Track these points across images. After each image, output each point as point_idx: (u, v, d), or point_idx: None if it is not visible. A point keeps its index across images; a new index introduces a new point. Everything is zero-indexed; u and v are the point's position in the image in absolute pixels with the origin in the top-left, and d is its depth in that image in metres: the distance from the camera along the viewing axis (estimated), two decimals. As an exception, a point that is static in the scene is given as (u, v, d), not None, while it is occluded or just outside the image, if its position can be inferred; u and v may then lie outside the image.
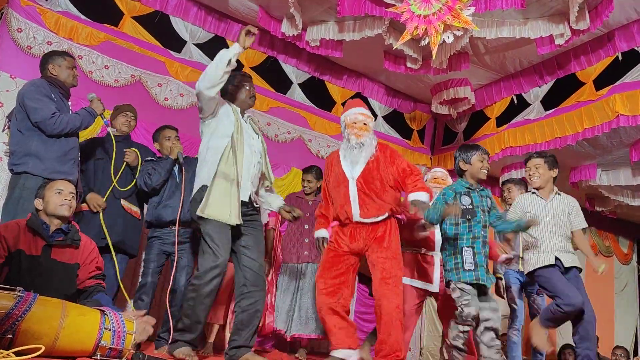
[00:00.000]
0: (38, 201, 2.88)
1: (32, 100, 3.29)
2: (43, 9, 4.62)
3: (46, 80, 3.44)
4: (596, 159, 6.45)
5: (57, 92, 3.45)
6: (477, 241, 3.34)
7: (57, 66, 3.51)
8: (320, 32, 5.35)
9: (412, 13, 4.28)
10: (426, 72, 5.80)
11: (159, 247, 3.85)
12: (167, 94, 5.26)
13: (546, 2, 4.80)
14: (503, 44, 5.51)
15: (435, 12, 4.17)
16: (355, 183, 3.39)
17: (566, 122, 5.61)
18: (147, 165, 3.91)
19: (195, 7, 5.41)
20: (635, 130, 5.46)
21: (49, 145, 3.31)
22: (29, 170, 3.21)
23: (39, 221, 2.79)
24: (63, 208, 2.84)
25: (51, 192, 2.87)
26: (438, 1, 4.16)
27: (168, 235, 3.83)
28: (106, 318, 2.34)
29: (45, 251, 2.73)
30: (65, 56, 3.60)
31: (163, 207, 3.85)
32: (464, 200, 3.42)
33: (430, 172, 4.12)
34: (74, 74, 3.60)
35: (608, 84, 5.27)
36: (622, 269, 9.36)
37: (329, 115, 6.41)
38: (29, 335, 2.08)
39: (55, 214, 2.82)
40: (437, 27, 4.19)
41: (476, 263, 3.32)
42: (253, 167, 3.29)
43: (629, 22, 5.01)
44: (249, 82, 3.48)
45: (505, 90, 6.26)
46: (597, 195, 7.54)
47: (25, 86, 3.41)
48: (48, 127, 3.29)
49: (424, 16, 4.24)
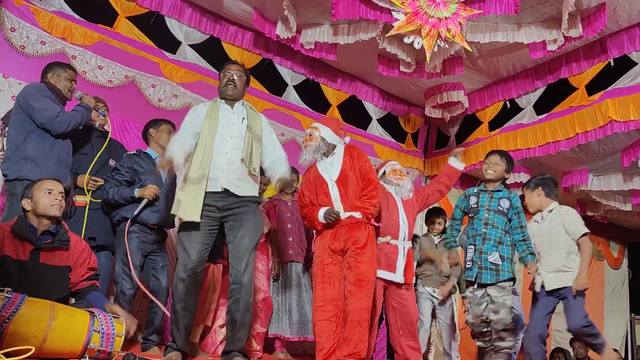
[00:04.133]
0: (26, 201, 2.79)
1: (37, 101, 3.30)
2: (37, 9, 4.60)
3: (45, 84, 3.47)
4: (588, 164, 6.51)
5: (56, 97, 3.47)
6: (478, 238, 3.58)
7: (57, 76, 3.55)
8: (315, 35, 5.36)
9: (417, 7, 4.18)
10: (419, 76, 5.82)
11: (138, 243, 3.70)
12: (161, 95, 5.25)
13: (539, 8, 4.83)
14: (496, 48, 5.54)
15: (442, 18, 4.16)
16: (334, 184, 3.54)
17: (558, 127, 5.65)
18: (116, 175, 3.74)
19: (190, 8, 5.40)
20: (626, 136, 5.51)
21: (47, 150, 3.30)
22: (25, 175, 3.18)
23: (26, 224, 2.71)
24: (54, 208, 2.77)
25: (40, 191, 2.78)
26: (446, 9, 4.14)
27: (148, 235, 3.77)
28: (95, 320, 2.33)
29: (33, 255, 2.65)
30: (66, 68, 3.63)
31: (149, 210, 3.72)
32: (472, 201, 3.77)
33: (389, 164, 4.14)
34: (72, 87, 3.61)
35: (600, 90, 5.32)
36: (612, 273, 9.42)
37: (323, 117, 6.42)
38: (17, 337, 2.07)
39: (46, 215, 2.75)
40: (441, 33, 4.18)
41: (473, 260, 3.56)
42: (226, 153, 3.17)
43: (621, 29, 5.06)
44: (225, 70, 3.40)
45: (498, 94, 6.29)
46: (588, 200, 7.60)
47: (26, 89, 3.41)
48: (55, 126, 3.31)
49: (430, 16, 4.18)
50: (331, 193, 3.53)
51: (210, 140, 3.17)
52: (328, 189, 3.54)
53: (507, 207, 3.60)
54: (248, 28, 5.65)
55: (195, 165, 3.12)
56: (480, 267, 3.51)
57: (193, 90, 5.37)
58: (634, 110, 4.99)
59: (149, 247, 3.77)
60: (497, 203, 3.60)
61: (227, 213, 3.16)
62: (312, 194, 3.63)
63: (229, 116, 3.30)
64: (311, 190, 3.64)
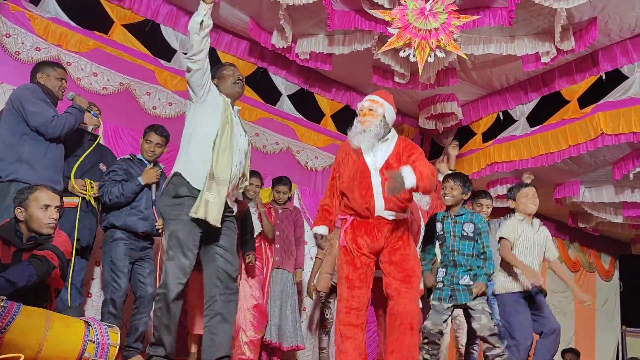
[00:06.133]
0: (19, 210, 2.69)
1: (31, 104, 3.25)
2: (32, 15, 4.59)
3: (38, 86, 3.42)
4: (580, 176, 6.55)
5: (49, 98, 3.43)
6: (449, 264, 3.60)
7: (46, 76, 3.49)
8: (310, 45, 5.38)
9: (406, 21, 4.23)
10: (414, 87, 5.85)
11: (125, 250, 3.70)
12: (156, 103, 5.24)
13: (532, 21, 4.88)
14: (490, 60, 5.59)
15: (431, 29, 4.18)
16: (378, 174, 3.08)
17: (551, 139, 5.70)
18: (114, 176, 3.74)
19: (186, 16, 5.40)
20: (617, 149, 5.56)
21: (42, 153, 3.27)
22: (20, 178, 3.13)
23: (14, 230, 2.64)
24: (49, 227, 2.67)
25: (37, 205, 2.69)
26: (435, 20, 4.16)
27: (136, 242, 3.77)
28: (90, 330, 2.31)
29: (15, 257, 2.59)
30: (55, 67, 3.57)
31: (137, 218, 3.74)
32: (438, 227, 3.72)
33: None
34: (62, 85, 3.55)
35: (592, 103, 5.38)
36: (603, 285, 9.47)
37: (317, 127, 6.44)
38: (12, 347, 2.05)
39: (39, 232, 2.66)
40: (431, 44, 4.20)
41: (444, 282, 3.58)
42: (235, 166, 3.12)
43: (612, 43, 5.13)
44: (233, 68, 3.35)
45: (492, 106, 6.34)
46: (580, 211, 7.65)
47: (20, 91, 3.35)
48: (49, 130, 3.26)
49: (418, 29, 4.21)
50: (373, 185, 3.07)
51: (231, 142, 3.06)
52: (370, 179, 3.08)
53: (472, 230, 3.62)
54: (243, 37, 5.67)
55: (222, 164, 2.98)
56: (452, 289, 3.56)
57: (188, 98, 5.35)
58: (623, 124, 5.05)
59: (137, 254, 3.78)
60: (460, 228, 3.61)
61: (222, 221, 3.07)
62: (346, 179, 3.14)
63: (236, 122, 3.22)
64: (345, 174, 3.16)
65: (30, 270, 2.46)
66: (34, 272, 2.47)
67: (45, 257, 2.58)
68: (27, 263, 2.50)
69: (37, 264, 2.52)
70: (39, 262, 2.53)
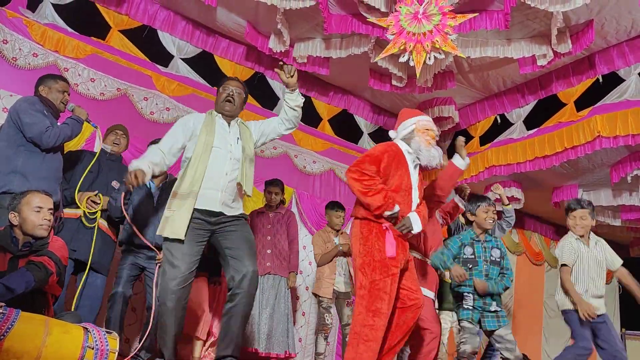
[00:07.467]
0: (13, 215, 2.69)
1: (27, 115, 3.27)
2: (30, 21, 4.60)
3: (38, 98, 3.45)
4: (578, 180, 6.56)
5: (49, 110, 3.44)
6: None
7: (47, 88, 3.51)
8: (308, 48, 5.40)
9: (400, 27, 4.25)
10: (411, 90, 5.86)
11: (133, 259, 3.80)
12: (153, 108, 5.24)
13: (529, 24, 4.90)
14: (487, 63, 5.61)
15: (426, 32, 4.18)
16: (417, 191, 3.15)
17: (547, 143, 5.70)
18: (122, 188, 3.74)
19: (183, 21, 5.42)
20: (615, 151, 5.57)
21: (37, 164, 3.27)
22: (14, 189, 3.10)
23: (9, 237, 2.63)
24: (42, 229, 2.67)
25: (29, 208, 2.69)
26: (429, 22, 4.17)
27: (143, 252, 3.80)
28: (89, 336, 2.30)
29: (12, 264, 2.58)
30: (58, 79, 3.60)
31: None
32: (467, 251, 3.66)
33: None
34: (64, 98, 3.57)
35: (588, 106, 5.39)
36: (602, 287, 9.44)
37: (315, 131, 6.45)
38: (11, 353, 2.03)
39: (33, 235, 2.66)
40: (426, 47, 4.21)
41: (474, 307, 3.56)
42: (225, 174, 3.11)
43: (609, 46, 5.15)
44: (225, 85, 3.35)
45: (489, 109, 6.35)
46: (578, 214, 7.63)
47: (19, 103, 3.39)
48: (44, 141, 3.27)
49: (412, 33, 4.23)
50: (412, 179, 3.13)
51: (205, 156, 3.08)
52: (409, 171, 3.12)
53: (499, 256, 3.67)
54: (240, 42, 5.68)
55: (187, 180, 3.02)
56: (482, 315, 3.56)
57: (185, 104, 5.38)
58: (620, 126, 5.06)
59: (145, 263, 3.81)
60: (490, 253, 3.66)
61: (218, 227, 3.10)
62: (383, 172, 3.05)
63: (225, 134, 3.22)
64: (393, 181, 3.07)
65: (28, 276, 2.46)
66: (32, 278, 2.47)
67: (42, 263, 2.58)
68: (25, 269, 2.50)
69: (35, 270, 2.52)
70: (37, 269, 2.53)
